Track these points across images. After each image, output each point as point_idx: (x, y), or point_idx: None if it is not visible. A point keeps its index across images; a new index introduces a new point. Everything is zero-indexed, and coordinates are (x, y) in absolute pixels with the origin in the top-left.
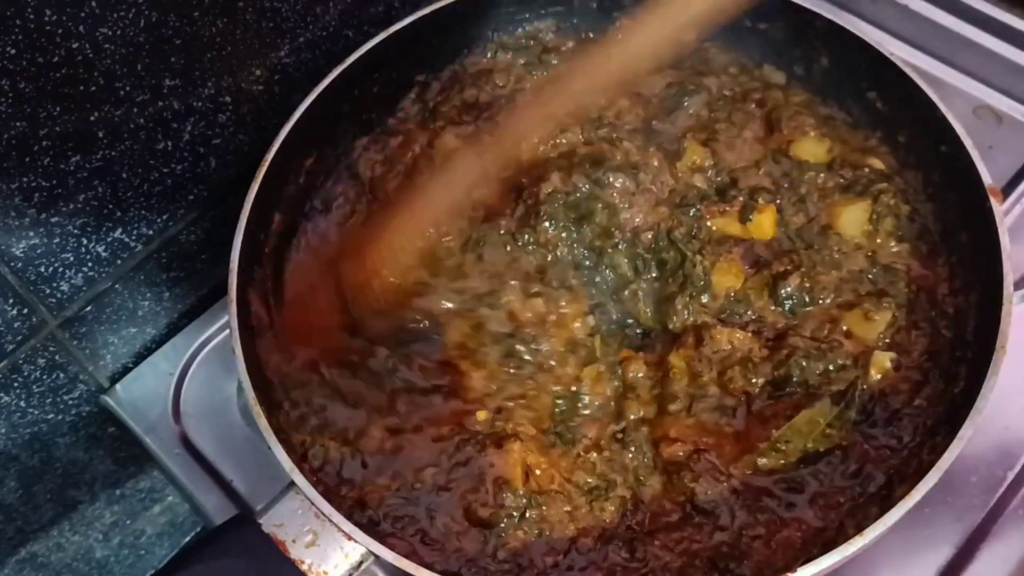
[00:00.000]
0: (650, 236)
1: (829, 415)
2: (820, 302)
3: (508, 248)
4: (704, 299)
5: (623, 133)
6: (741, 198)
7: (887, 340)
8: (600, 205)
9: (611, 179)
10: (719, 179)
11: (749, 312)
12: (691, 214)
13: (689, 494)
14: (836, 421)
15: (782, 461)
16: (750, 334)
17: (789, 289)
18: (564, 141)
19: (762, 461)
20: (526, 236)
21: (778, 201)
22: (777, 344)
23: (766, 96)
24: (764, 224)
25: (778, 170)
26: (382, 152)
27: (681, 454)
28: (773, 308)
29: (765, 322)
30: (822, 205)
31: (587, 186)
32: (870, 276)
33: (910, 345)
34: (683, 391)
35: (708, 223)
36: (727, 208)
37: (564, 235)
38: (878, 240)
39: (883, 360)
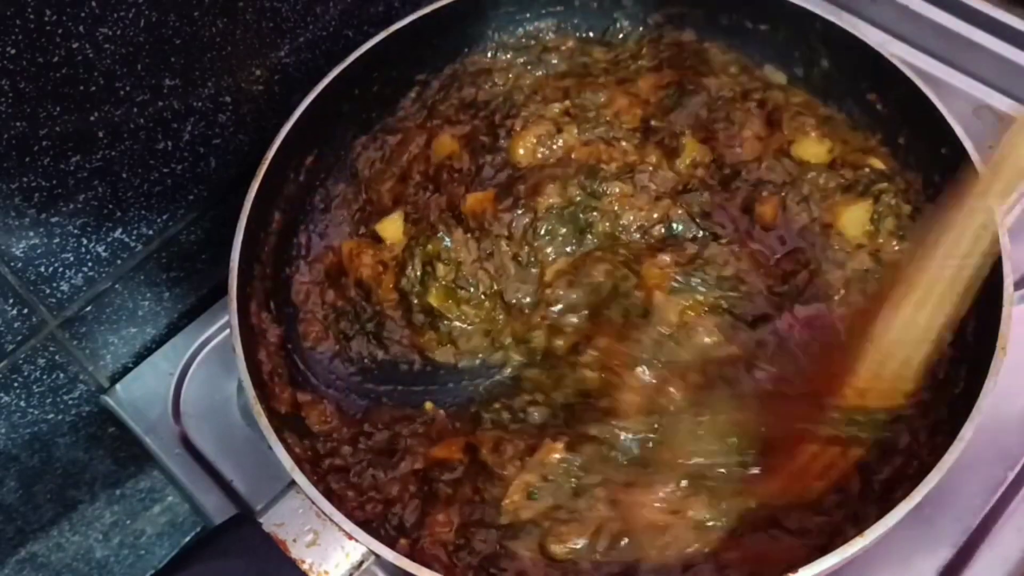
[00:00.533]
0: (662, 230)
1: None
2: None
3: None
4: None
5: (620, 132)
6: (744, 189)
7: None
8: (599, 216)
9: (606, 189)
10: (721, 172)
11: None
12: (700, 199)
13: None
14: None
15: None
16: None
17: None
18: (560, 144)
19: None
20: (525, 249)
21: (783, 194)
22: None
23: (766, 96)
24: (766, 215)
25: (779, 170)
26: (380, 150)
27: None
28: None
29: None
30: (824, 205)
31: (582, 198)
32: (876, 276)
33: None
34: None
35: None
36: (729, 197)
37: (568, 248)
38: (880, 240)
39: None
